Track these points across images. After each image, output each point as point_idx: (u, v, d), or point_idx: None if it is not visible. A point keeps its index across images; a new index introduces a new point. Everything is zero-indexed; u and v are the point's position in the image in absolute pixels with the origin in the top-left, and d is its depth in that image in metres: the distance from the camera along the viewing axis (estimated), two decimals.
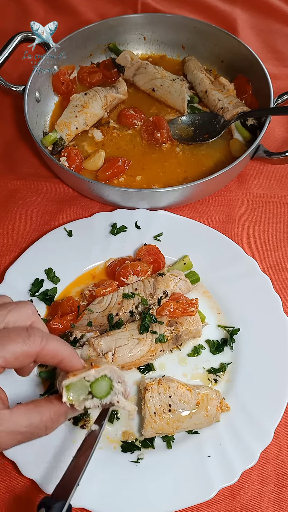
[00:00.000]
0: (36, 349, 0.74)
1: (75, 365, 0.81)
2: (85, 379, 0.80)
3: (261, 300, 1.15)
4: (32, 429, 0.75)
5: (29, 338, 0.74)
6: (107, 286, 1.14)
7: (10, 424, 0.72)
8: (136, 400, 1.06)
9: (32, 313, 0.80)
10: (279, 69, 1.77)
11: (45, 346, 0.75)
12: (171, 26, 1.66)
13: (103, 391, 0.81)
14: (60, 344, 0.79)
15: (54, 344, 0.77)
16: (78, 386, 0.80)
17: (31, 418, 0.75)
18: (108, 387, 0.82)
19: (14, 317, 0.77)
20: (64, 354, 0.79)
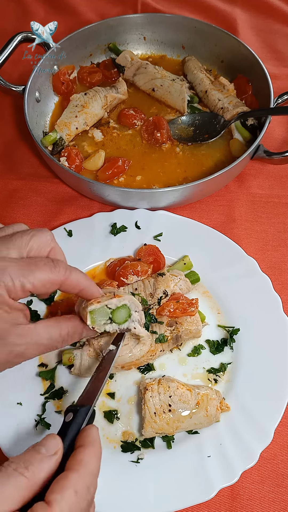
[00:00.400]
0: (61, 278, 0.80)
1: (94, 293, 0.89)
2: (107, 307, 0.90)
3: (261, 300, 1.15)
4: (52, 341, 0.83)
5: (55, 267, 0.80)
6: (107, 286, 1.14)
7: (34, 336, 0.81)
8: (136, 400, 1.06)
9: (52, 240, 0.85)
10: (279, 69, 1.77)
11: (68, 276, 0.81)
12: (171, 26, 1.66)
13: (122, 317, 0.92)
14: (81, 275, 0.85)
15: (76, 275, 0.84)
16: (100, 312, 0.90)
17: (51, 332, 0.83)
18: (127, 315, 0.92)
19: (36, 243, 0.82)
20: (84, 284, 0.86)
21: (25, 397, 1.03)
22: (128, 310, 0.93)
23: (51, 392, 1.05)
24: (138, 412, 1.04)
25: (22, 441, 0.98)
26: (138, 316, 0.94)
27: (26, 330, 0.80)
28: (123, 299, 0.91)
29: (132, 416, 1.04)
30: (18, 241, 0.81)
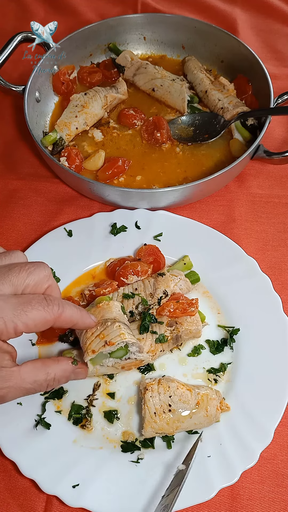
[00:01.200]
0: (54, 317, 0.80)
1: (88, 324, 0.92)
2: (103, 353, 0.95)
3: (261, 300, 1.15)
4: (36, 386, 0.82)
5: (48, 306, 0.79)
6: (107, 286, 1.14)
7: (18, 380, 0.79)
8: (136, 400, 1.06)
9: (49, 276, 0.84)
10: (279, 69, 1.77)
11: (62, 313, 0.81)
12: (171, 26, 1.66)
13: (121, 354, 0.97)
14: (74, 310, 0.86)
15: (69, 310, 0.84)
16: (99, 357, 0.96)
17: (37, 375, 0.82)
18: (125, 350, 0.97)
19: (33, 280, 0.81)
20: (77, 318, 0.87)
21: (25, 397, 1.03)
22: (125, 348, 0.97)
23: (51, 392, 1.05)
24: (138, 412, 1.04)
25: (22, 441, 0.98)
26: (135, 347, 0.98)
27: (10, 374, 0.78)
28: (116, 344, 0.94)
29: (132, 416, 1.04)
30: (15, 279, 0.79)
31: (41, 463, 0.96)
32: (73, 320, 0.85)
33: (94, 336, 0.96)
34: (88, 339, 0.97)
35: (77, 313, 0.87)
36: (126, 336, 0.95)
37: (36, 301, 0.79)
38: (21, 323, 0.76)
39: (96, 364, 0.98)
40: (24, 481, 0.99)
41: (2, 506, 0.97)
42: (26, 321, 0.76)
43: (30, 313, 0.77)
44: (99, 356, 0.96)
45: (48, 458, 0.97)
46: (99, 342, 0.95)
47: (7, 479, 1.00)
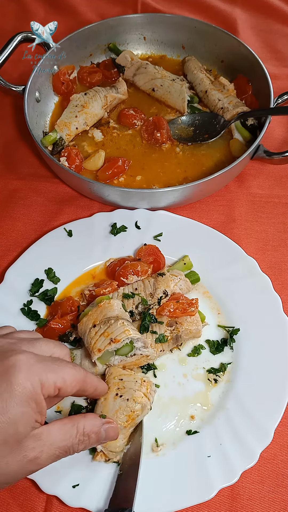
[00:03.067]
0: (82, 377, 0.83)
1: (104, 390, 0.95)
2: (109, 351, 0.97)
3: (261, 300, 1.15)
4: (68, 443, 0.79)
5: (75, 367, 0.84)
6: (107, 286, 1.14)
7: (49, 438, 0.77)
8: None
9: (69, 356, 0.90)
10: (279, 69, 1.77)
11: (87, 375, 0.86)
12: (171, 26, 1.66)
13: (126, 351, 0.99)
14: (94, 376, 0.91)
15: (91, 375, 0.89)
16: (105, 355, 0.98)
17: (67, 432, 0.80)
18: (130, 346, 0.98)
19: (58, 351, 0.86)
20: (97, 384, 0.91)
21: None
22: (130, 345, 0.98)
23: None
24: None
25: None
26: (141, 343, 0.99)
27: (41, 432, 0.76)
28: (121, 341, 0.96)
29: None
30: (44, 346, 0.84)
31: None
32: (95, 384, 0.89)
33: (99, 335, 0.97)
34: (92, 339, 0.97)
35: (96, 378, 0.91)
36: (131, 332, 0.96)
37: (66, 361, 0.83)
38: (60, 378, 0.78)
39: (104, 362, 0.98)
40: (24, 481, 0.99)
41: (2, 506, 0.97)
42: (64, 376, 0.78)
43: (65, 369, 0.80)
44: (106, 354, 0.97)
45: None
46: (104, 340, 0.95)
47: None
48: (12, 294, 1.17)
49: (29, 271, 1.20)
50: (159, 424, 1.02)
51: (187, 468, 0.96)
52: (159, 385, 1.07)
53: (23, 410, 0.72)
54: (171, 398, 1.06)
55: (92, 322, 1.00)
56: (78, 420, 0.83)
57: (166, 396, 1.06)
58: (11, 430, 0.71)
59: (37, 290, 1.18)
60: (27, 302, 1.16)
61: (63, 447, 0.78)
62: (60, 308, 1.14)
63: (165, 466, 0.97)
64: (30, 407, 0.73)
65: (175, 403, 1.05)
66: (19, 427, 0.72)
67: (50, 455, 0.77)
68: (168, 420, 1.03)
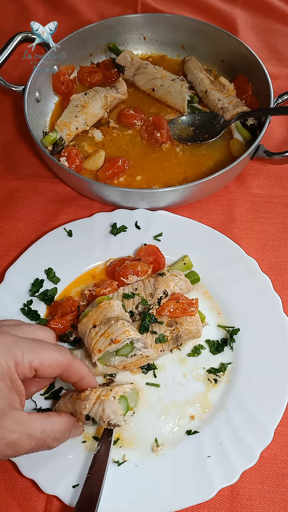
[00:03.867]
0: (67, 361, 0.83)
1: (92, 383, 0.93)
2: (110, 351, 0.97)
3: (261, 300, 1.15)
4: (44, 436, 0.80)
5: (61, 350, 0.82)
6: (107, 286, 1.14)
7: (29, 426, 0.78)
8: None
9: (53, 339, 0.89)
10: (279, 69, 1.77)
11: (72, 361, 0.84)
12: (171, 26, 1.66)
13: (127, 351, 0.98)
14: (82, 364, 0.90)
15: (78, 362, 0.88)
16: (106, 355, 0.97)
17: (46, 424, 0.81)
18: (131, 347, 0.98)
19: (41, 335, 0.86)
20: (86, 373, 0.90)
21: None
22: (130, 345, 0.98)
23: (51, 392, 1.05)
24: None
25: None
26: (141, 343, 0.99)
27: (21, 417, 0.77)
28: (122, 341, 0.96)
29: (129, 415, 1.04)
30: (26, 328, 0.84)
31: (41, 463, 0.96)
32: (81, 372, 0.88)
33: (99, 336, 0.97)
34: (92, 339, 0.97)
35: (86, 368, 0.91)
36: (131, 332, 0.96)
37: (50, 344, 0.83)
38: (37, 359, 0.77)
39: (104, 363, 0.98)
40: (24, 481, 0.99)
41: (2, 506, 0.97)
42: (41, 358, 0.78)
43: (46, 351, 0.80)
44: (106, 354, 0.97)
45: (48, 458, 0.96)
46: (104, 341, 0.96)
47: (7, 479, 1.00)
48: (12, 294, 1.17)
49: (29, 271, 1.20)
50: (159, 424, 1.02)
51: (187, 468, 0.96)
52: (159, 385, 1.07)
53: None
54: (171, 398, 1.06)
55: (92, 323, 1.00)
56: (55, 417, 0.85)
57: (166, 396, 1.06)
58: None
59: (37, 290, 1.18)
60: (27, 302, 1.16)
61: (39, 438, 0.80)
62: (60, 308, 1.14)
63: (165, 466, 0.97)
64: (5, 384, 0.75)
65: (175, 403, 1.05)
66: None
67: (27, 444, 0.78)
68: (168, 420, 1.03)
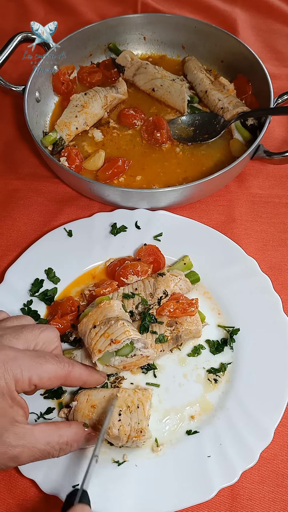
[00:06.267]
0: (65, 373, 0.83)
1: (97, 380, 0.95)
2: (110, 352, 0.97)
3: (261, 300, 1.15)
4: (49, 448, 0.81)
5: (60, 362, 0.83)
6: (107, 286, 1.14)
7: (31, 439, 0.78)
8: None
9: (57, 338, 0.90)
10: (279, 69, 1.78)
11: (71, 370, 0.85)
12: (171, 26, 1.66)
13: (127, 351, 0.98)
14: (82, 368, 0.90)
15: (78, 368, 0.88)
16: (106, 356, 0.97)
17: (50, 436, 0.81)
18: (131, 347, 0.98)
19: (43, 338, 0.86)
20: (86, 376, 0.91)
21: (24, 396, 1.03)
22: (130, 345, 0.98)
23: (50, 392, 1.05)
24: None
25: None
26: (141, 344, 0.99)
27: (24, 431, 0.78)
28: (122, 342, 0.95)
29: None
30: (29, 335, 0.84)
31: (41, 463, 0.95)
32: (82, 378, 0.89)
33: (99, 336, 0.97)
34: (93, 340, 0.97)
35: (85, 371, 0.91)
36: (131, 332, 0.96)
37: (49, 356, 0.83)
38: (36, 375, 0.78)
39: (104, 363, 0.98)
40: (24, 481, 0.99)
41: (2, 506, 0.97)
42: (40, 374, 0.79)
43: (44, 366, 0.80)
44: (106, 355, 0.97)
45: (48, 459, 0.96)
46: (104, 341, 0.95)
47: (7, 479, 1.00)
48: (12, 294, 1.17)
49: (29, 271, 1.20)
50: (159, 424, 1.02)
51: (187, 468, 0.96)
52: (159, 385, 1.07)
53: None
54: (171, 399, 1.05)
55: (92, 323, 1.00)
56: (63, 428, 0.85)
57: (166, 396, 1.06)
58: None
59: (37, 290, 1.18)
60: (27, 302, 1.16)
61: (43, 450, 0.81)
62: (60, 308, 1.14)
63: (165, 466, 0.97)
64: (5, 402, 0.75)
65: (175, 403, 1.05)
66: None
67: (30, 456, 0.79)
68: (168, 420, 1.03)
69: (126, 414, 0.95)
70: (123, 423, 0.94)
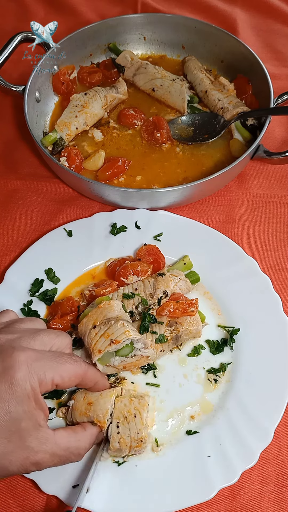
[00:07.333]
0: (83, 371, 0.85)
1: (105, 385, 0.98)
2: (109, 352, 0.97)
3: (261, 300, 1.15)
4: (68, 453, 0.81)
5: (77, 362, 0.84)
6: (107, 286, 1.14)
7: (53, 446, 0.78)
8: None
9: (70, 344, 0.92)
10: (279, 69, 1.78)
11: (88, 370, 0.86)
12: (171, 26, 1.66)
13: (127, 352, 0.99)
14: (95, 369, 0.94)
15: (92, 369, 0.91)
16: (106, 356, 0.97)
17: (70, 442, 0.82)
18: (131, 347, 0.98)
19: (59, 343, 0.87)
20: (99, 377, 0.94)
21: None
22: (130, 345, 0.98)
23: (51, 392, 1.05)
24: None
25: None
26: (141, 344, 0.99)
27: (46, 436, 0.77)
28: (122, 342, 0.96)
29: None
30: (45, 338, 0.84)
31: None
32: (97, 377, 0.92)
33: (99, 336, 0.97)
34: (93, 340, 0.97)
35: (98, 373, 0.95)
36: (131, 333, 0.96)
37: (67, 356, 0.84)
38: (58, 375, 0.79)
39: (104, 363, 0.98)
40: (24, 481, 0.99)
41: (2, 506, 0.97)
42: (61, 374, 0.79)
43: (64, 365, 0.81)
44: (106, 355, 0.97)
45: None
46: (104, 341, 0.96)
47: (7, 479, 1.00)
48: (12, 294, 1.17)
49: (29, 271, 1.20)
50: (159, 425, 1.02)
51: (187, 468, 0.96)
52: (159, 385, 1.07)
53: (24, 408, 0.74)
54: (171, 399, 1.05)
55: (92, 323, 1.00)
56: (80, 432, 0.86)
57: (166, 396, 1.06)
58: (13, 427, 0.74)
59: (37, 290, 1.18)
60: (27, 302, 1.16)
61: (63, 456, 0.81)
62: (60, 308, 1.14)
63: (165, 466, 0.97)
64: (31, 405, 0.75)
65: (175, 403, 1.05)
66: (22, 424, 0.74)
67: (50, 462, 0.79)
68: (168, 421, 1.03)
69: (124, 425, 0.95)
70: (122, 435, 0.94)
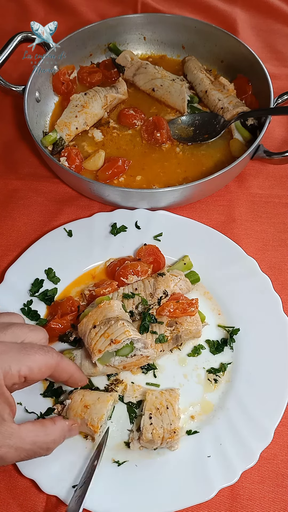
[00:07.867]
0: (54, 362, 0.82)
1: (82, 380, 0.95)
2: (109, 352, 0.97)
3: (261, 300, 1.15)
4: (35, 448, 0.80)
5: (48, 352, 0.82)
6: (107, 286, 1.14)
7: (18, 440, 0.77)
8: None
9: (46, 339, 0.89)
10: (279, 69, 1.77)
11: (60, 361, 0.84)
12: (171, 26, 1.66)
13: (127, 352, 0.99)
14: (70, 362, 0.90)
15: (66, 361, 0.88)
16: (106, 356, 0.97)
17: (37, 436, 0.80)
18: (131, 347, 0.98)
19: (32, 337, 0.85)
20: (74, 370, 0.90)
21: (25, 396, 1.03)
22: (130, 345, 0.98)
23: (50, 391, 1.05)
24: None
25: None
26: (141, 344, 0.99)
27: (11, 431, 0.76)
28: (122, 342, 0.95)
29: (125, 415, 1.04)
30: (17, 330, 0.83)
31: (41, 463, 0.95)
32: (70, 370, 0.88)
33: (99, 336, 0.97)
34: (92, 340, 0.97)
35: (73, 365, 0.91)
36: (131, 333, 0.96)
37: (38, 347, 0.82)
38: (25, 366, 0.77)
39: (104, 363, 0.98)
40: (24, 481, 0.99)
41: (2, 506, 0.97)
42: (30, 365, 0.78)
43: (33, 356, 0.79)
44: (106, 355, 0.97)
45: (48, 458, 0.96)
46: (104, 341, 0.96)
47: (7, 479, 1.00)
48: (12, 294, 1.17)
49: (29, 271, 1.20)
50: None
51: (187, 468, 0.96)
52: (159, 385, 1.07)
53: None
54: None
55: (92, 323, 1.00)
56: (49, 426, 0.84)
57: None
58: None
59: (37, 290, 1.18)
60: (27, 302, 1.16)
61: (30, 450, 0.79)
62: (60, 308, 1.14)
63: (165, 466, 0.97)
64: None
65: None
66: None
67: (16, 456, 0.78)
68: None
69: (157, 416, 0.96)
70: (155, 426, 0.95)
